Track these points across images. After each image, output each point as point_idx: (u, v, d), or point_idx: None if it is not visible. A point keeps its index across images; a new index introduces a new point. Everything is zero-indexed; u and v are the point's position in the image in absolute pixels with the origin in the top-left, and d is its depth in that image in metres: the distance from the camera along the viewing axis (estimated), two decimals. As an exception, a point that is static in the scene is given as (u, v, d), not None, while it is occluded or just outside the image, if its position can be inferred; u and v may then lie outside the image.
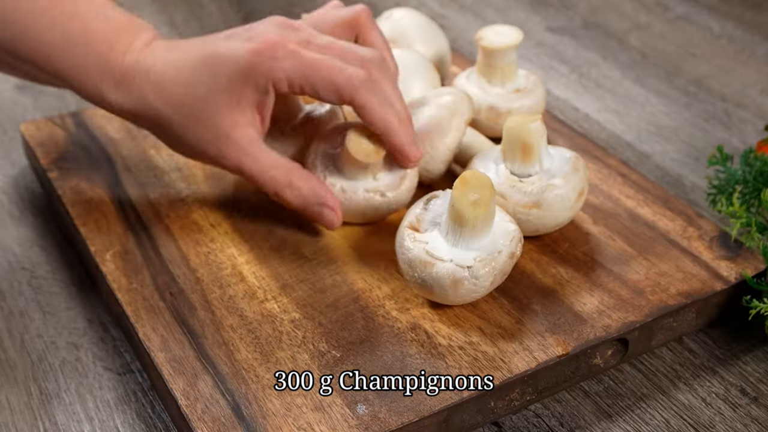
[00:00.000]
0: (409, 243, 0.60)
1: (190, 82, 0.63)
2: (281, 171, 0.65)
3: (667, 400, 0.60)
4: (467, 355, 0.58)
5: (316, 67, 0.62)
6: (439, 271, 0.59)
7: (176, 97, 0.64)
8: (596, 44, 1.02)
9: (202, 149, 0.65)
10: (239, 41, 0.63)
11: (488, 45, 0.75)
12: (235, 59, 0.62)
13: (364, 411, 0.55)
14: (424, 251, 0.59)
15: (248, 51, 0.62)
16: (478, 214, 0.59)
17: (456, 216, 0.59)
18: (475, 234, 0.59)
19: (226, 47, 0.63)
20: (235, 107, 0.63)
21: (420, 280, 0.59)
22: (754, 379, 0.61)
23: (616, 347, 0.61)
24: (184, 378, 0.57)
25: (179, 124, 0.64)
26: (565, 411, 0.59)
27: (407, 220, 0.62)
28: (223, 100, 0.63)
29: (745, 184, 0.68)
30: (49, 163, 0.75)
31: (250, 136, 0.64)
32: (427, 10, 1.10)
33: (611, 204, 0.71)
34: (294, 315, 0.61)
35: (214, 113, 0.63)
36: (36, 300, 0.67)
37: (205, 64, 0.63)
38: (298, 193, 0.65)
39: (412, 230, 0.61)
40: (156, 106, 0.64)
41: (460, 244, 0.60)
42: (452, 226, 0.60)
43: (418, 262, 0.59)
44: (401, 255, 0.60)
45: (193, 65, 0.63)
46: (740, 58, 0.99)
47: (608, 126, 0.88)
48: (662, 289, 0.63)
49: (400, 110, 0.64)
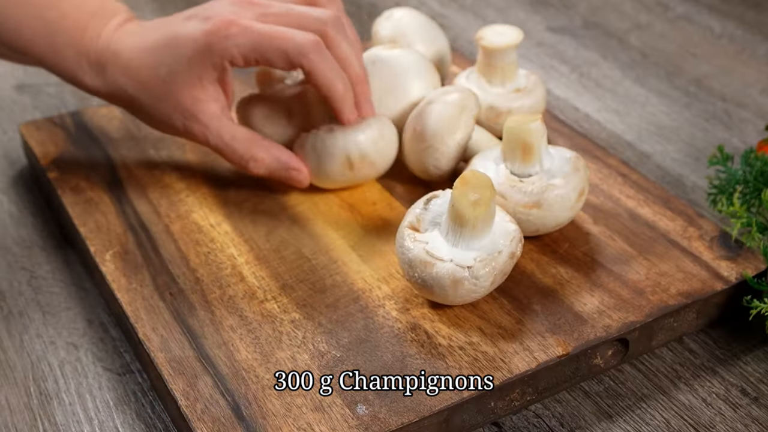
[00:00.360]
0: (410, 243, 0.60)
1: (154, 64, 0.68)
2: (243, 144, 0.69)
3: (667, 401, 0.60)
4: (467, 356, 0.58)
5: (268, 38, 0.65)
6: (439, 271, 0.58)
7: (143, 79, 0.68)
8: (596, 44, 1.02)
9: (172, 125, 0.69)
10: (196, 22, 0.67)
11: (488, 45, 0.75)
12: (192, 40, 0.66)
13: (364, 411, 0.55)
14: (424, 251, 0.59)
15: (203, 32, 0.66)
16: (478, 214, 0.58)
17: (456, 216, 0.59)
18: (476, 234, 0.59)
19: (184, 29, 0.67)
20: (196, 85, 0.67)
21: (420, 281, 0.59)
22: (754, 380, 0.61)
23: (616, 347, 0.61)
24: (183, 378, 0.57)
25: (149, 105, 0.69)
26: (565, 411, 0.59)
27: (407, 220, 0.62)
28: (185, 80, 0.67)
29: (746, 184, 0.68)
30: (49, 162, 0.75)
31: (212, 111, 0.68)
32: (427, 9, 1.10)
33: (612, 204, 0.71)
34: (294, 315, 0.61)
35: (177, 92, 0.68)
36: (35, 300, 0.67)
37: (166, 46, 0.67)
38: (262, 164, 0.70)
39: (413, 230, 0.61)
40: (126, 88, 0.69)
41: (460, 244, 0.60)
42: (452, 226, 0.60)
43: (418, 262, 0.59)
44: (401, 255, 0.60)
45: (155, 48, 0.68)
46: (741, 58, 0.98)
47: (608, 126, 0.87)
48: (663, 289, 0.63)
49: (353, 72, 0.69)
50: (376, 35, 0.82)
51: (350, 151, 0.69)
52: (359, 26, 1.05)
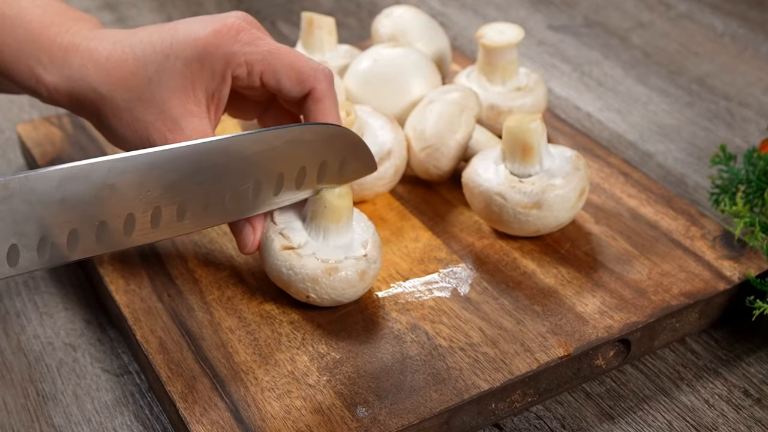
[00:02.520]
0: (296, 261, 0.59)
1: (140, 62, 0.59)
2: None
3: (669, 402, 0.59)
4: (468, 357, 0.58)
5: (281, 54, 0.59)
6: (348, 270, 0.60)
7: (122, 76, 0.59)
8: (598, 43, 1.01)
9: (146, 135, 0.59)
10: (201, 22, 0.60)
11: (489, 43, 0.74)
12: (194, 38, 0.58)
13: (364, 413, 0.54)
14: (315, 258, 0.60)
15: (210, 31, 0.58)
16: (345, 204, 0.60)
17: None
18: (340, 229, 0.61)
19: (185, 28, 0.59)
20: (189, 94, 0.59)
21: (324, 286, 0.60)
22: (757, 381, 0.61)
23: (618, 348, 0.60)
24: (182, 380, 0.56)
25: (123, 108, 0.59)
26: (566, 413, 0.59)
27: (279, 244, 0.60)
28: (176, 84, 0.58)
29: (749, 183, 0.68)
30: (46, 163, 0.75)
31: (203, 131, 0.59)
32: (427, 8, 1.09)
33: (613, 203, 0.70)
34: (293, 316, 0.61)
35: (165, 97, 0.58)
36: (33, 301, 0.67)
37: (158, 43, 0.59)
38: None
39: (288, 249, 0.60)
40: (96, 86, 0.59)
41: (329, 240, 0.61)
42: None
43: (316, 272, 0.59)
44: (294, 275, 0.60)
45: (143, 45, 0.59)
46: (743, 57, 0.98)
47: (610, 125, 0.87)
48: (665, 290, 0.62)
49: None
50: (375, 33, 0.82)
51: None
52: (359, 24, 1.05)
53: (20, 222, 0.51)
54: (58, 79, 0.60)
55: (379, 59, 0.75)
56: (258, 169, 0.57)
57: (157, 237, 0.56)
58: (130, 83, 0.59)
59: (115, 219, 0.54)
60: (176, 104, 0.58)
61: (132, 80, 0.59)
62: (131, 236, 0.55)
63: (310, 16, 0.78)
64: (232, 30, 0.59)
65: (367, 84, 0.75)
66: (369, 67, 0.75)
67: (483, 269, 0.65)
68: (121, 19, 1.05)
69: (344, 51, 0.80)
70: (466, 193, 0.67)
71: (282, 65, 0.59)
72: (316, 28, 0.78)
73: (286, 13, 1.08)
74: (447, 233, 0.68)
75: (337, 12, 1.08)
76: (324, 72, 0.60)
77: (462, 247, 0.67)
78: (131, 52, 0.59)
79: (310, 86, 0.59)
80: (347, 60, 0.79)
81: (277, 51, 0.59)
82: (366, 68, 0.75)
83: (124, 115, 0.59)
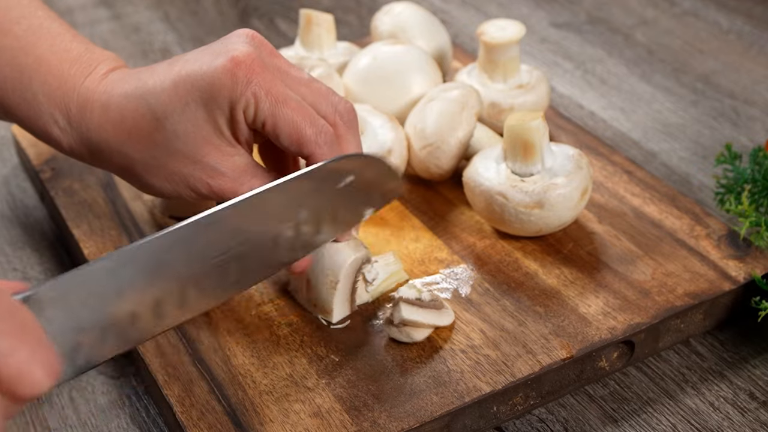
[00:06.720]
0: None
1: (159, 114, 0.55)
2: None
3: (674, 405, 0.58)
4: (469, 359, 0.57)
5: (287, 108, 0.55)
6: None
7: (145, 135, 0.55)
8: (601, 40, 1.01)
9: (186, 185, 0.56)
10: (212, 54, 0.55)
11: (490, 40, 0.74)
12: (211, 68, 0.54)
13: (364, 416, 0.53)
14: None
15: (229, 59, 0.54)
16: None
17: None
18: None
19: (196, 62, 0.55)
20: (221, 137, 0.55)
21: None
22: (763, 383, 0.60)
23: (621, 350, 0.60)
24: (179, 384, 0.56)
25: (153, 165, 0.56)
26: (569, 416, 0.58)
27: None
28: (205, 133, 0.55)
29: (754, 182, 0.67)
30: (41, 164, 0.74)
31: (245, 166, 0.56)
32: (427, 4, 1.08)
33: (616, 202, 0.70)
34: (292, 318, 0.60)
35: (197, 148, 0.55)
36: (29, 303, 0.66)
37: (172, 90, 0.55)
38: None
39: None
40: (119, 148, 0.56)
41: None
42: None
43: None
44: None
45: (158, 95, 0.55)
46: (749, 54, 0.97)
47: (614, 123, 0.86)
48: (669, 290, 0.62)
49: None
50: (375, 30, 0.81)
51: None
52: (359, 21, 1.04)
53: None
54: (77, 143, 0.58)
55: (379, 57, 0.74)
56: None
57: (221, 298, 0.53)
58: (156, 140, 0.55)
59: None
60: (210, 151, 0.55)
61: (157, 136, 0.55)
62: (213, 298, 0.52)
63: (308, 14, 0.78)
64: (248, 62, 0.54)
65: (366, 82, 0.74)
66: (368, 65, 0.74)
67: (484, 270, 0.64)
68: (117, 16, 1.04)
69: (343, 48, 0.80)
70: (467, 192, 0.66)
71: (284, 123, 0.55)
72: (314, 26, 0.78)
73: (285, 10, 1.07)
74: (448, 233, 0.67)
75: (336, 9, 1.07)
76: (325, 137, 0.55)
77: (463, 248, 0.66)
78: (146, 104, 0.55)
79: (309, 152, 0.55)
80: (346, 57, 0.78)
81: (284, 103, 0.55)
82: (365, 66, 0.74)
83: (159, 171, 0.56)
